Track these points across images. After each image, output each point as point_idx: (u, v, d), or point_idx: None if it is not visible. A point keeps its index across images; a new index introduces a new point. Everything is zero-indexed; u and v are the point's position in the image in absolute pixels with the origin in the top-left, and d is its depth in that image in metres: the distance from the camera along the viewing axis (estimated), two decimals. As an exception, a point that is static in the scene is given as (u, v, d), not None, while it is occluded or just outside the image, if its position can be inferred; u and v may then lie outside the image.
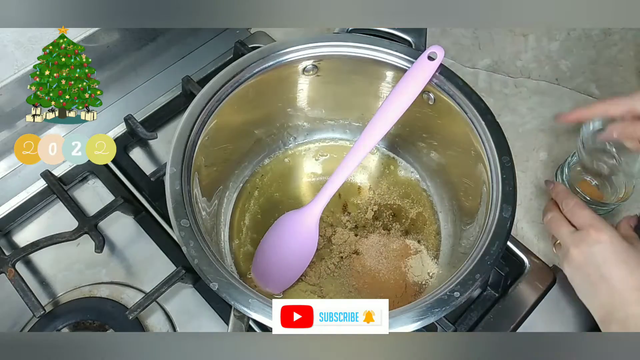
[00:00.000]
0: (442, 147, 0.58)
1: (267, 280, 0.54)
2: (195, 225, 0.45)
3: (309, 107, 0.61)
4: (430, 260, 0.56)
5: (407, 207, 0.60)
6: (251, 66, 0.52)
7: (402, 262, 0.56)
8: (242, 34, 0.72)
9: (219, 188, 0.57)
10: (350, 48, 0.53)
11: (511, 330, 0.53)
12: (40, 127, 0.63)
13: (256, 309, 0.41)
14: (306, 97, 0.59)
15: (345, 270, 0.55)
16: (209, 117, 0.50)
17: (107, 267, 0.57)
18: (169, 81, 0.67)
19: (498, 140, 0.49)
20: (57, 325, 0.53)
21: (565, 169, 0.59)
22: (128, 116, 0.62)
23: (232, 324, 0.43)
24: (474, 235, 0.49)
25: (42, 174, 0.58)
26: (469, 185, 0.54)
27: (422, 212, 0.59)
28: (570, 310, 0.55)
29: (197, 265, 0.43)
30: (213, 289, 0.42)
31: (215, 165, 0.55)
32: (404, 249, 0.57)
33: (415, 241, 0.57)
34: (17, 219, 0.59)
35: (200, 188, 0.50)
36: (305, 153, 0.63)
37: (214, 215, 0.55)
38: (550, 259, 0.58)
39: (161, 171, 0.58)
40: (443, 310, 0.41)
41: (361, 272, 0.55)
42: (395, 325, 0.40)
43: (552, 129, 0.67)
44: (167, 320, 0.55)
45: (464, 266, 0.44)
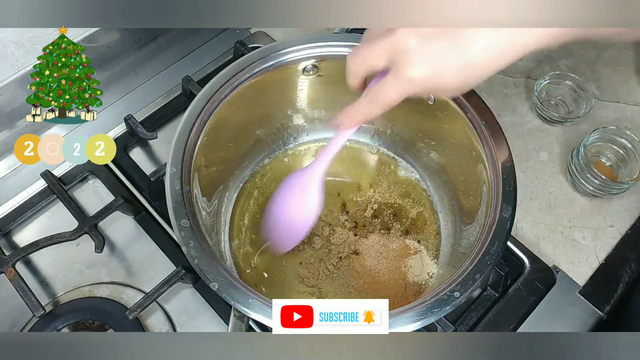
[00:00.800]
0: (442, 147, 0.58)
1: (273, 239, 0.54)
2: (195, 225, 0.45)
3: (309, 107, 0.61)
4: (430, 260, 0.56)
5: (406, 207, 0.60)
6: (251, 66, 0.52)
7: (402, 262, 0.56)
8: (242, 34, 0.72)
9: (219, 188, 0.57)
10: (351, 48, 0.53)
11: (511, 330, 0.53)
12: (40, 127, 0.63)
13: (256, 309, 0.41)
14: (306, 97, 0.59)
15: (345, 271, 0.55)
16: (209, 117, 0.50)
17: (107, 267, 0.57)
18: (169, 81, 0.67)
19: (498, 140, 0.49)
20: (57, 325, 0.53)
21: (580, 149, 0.60)
22: (128, 116, 0.62)
23: (232, 324, 0.43)
24: (474, 235, 0.49)
25: (42, 174, 0.58)
26: (469, 185, 0.54)
27: (422, 212, 0.59)
28: (570, 310, 0.55)
29: (197, 265, 0.43)
30: (213, 289, 0.42)
31: (215, 165, 0.55)
32: (403, 249, 0.57)
33: (415, 241, 0.57)
34: (17, 219, 0.60)
35: (200, 188, 0.50)
36: (305, 153, 0.63)
37: (214, 215, 0.55)
38: (550, 259, 0.58)
39: (161, 171, 0.58)
40: (443, 310, 0.42)
41: (360, 273, 0.55)
42: (396, 325, 0.41)
43: (552, 129, 0.67)
44: (167, 320, 0.55)
45: (464, 266, 0.44)
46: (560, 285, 0.56)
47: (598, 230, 0.61)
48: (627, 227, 0.61)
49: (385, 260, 0.56)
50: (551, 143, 0.66)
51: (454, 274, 0.44)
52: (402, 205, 0.60)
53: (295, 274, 0.55)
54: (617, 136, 0.62)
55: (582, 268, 0.58)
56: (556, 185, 0.64)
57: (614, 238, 0.60)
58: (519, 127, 0.67)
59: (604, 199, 0.62)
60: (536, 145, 0.66)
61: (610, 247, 0.60)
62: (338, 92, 0.58)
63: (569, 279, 0.57)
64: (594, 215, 0.62)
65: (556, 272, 0.57)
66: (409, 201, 0.60)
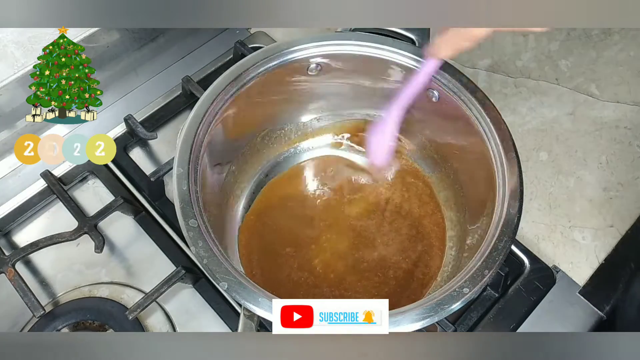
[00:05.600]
0: (446, 144, 0.58)
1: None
2: (204, 225, 0.45)
3: (313, 106, 0.61)
4: (437, 257, 0.56)
5: (412, 204, 0.60)
6: (255, 66, 0.52)
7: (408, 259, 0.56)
8: (242, 34, 0.72)
9: (225, 187, 0.57)
10: (355, 47, 0.53)
11: (511, 330, 0.53)
12: (40, 127, 0.63)
13: (266, 308, 0.41)
14: (311, 96, 0.59)
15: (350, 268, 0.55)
16: (215, 116, 0.50)
17: (107, 267, 0.57)
18: (169, 81, 0.67)
19: (503, 137, 0.49)
20: (57, 325, 0.53)
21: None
22: (128, 116, 0.61)
23: (242, 323, 0.43)
24: (480, 232, 0.49)
25: (42, 174, 0.58)
26: (475, 182, 0.54)
27: (428, 210, 0.59)
28: (570, 310, 0.55)
29: (207, 265, 0.43)
30: (222, 289, 0.42)
31: (222, 164, 0.55)
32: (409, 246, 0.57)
33: (421, 238, 0.57)
34: (17, 219, 0.59)
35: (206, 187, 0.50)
36: (311, 151, 0.63)
37: (220, 214, 0.55)
38: (550, 259, 0.58)
39: (161, 171, 0.58)
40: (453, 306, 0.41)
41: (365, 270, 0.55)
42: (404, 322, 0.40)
43: (552, 129, 0.67)
44: (167, 320, 0.55)
45: (472, 263, 0.44)
46: (560, 285, 0.56)
47: (598, 230, 0.61)
48: (627, 227, 0.61)
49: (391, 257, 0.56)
50: (551, 143, 0.66)
51: (463, 271, 0.44)
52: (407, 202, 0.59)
53: (299, 274, 0.55)
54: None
55: (582, 268, 0.58)
56: (556, 185, 0.64)
57: (614, 238, 0.60)
58: (519, 127, 0.67)
59: (604, 198, 0.62)
60: (536, 145, 0.66)
61: (610, 247, 0.60)
62: (343, 91, 0.59)
63: (568, 279, 0.57)
64: (594, 215, 0.62)
65: (556, 272, 0.57)
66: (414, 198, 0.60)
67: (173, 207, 0.45)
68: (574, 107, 0.69)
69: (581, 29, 0.74)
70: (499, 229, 0.45)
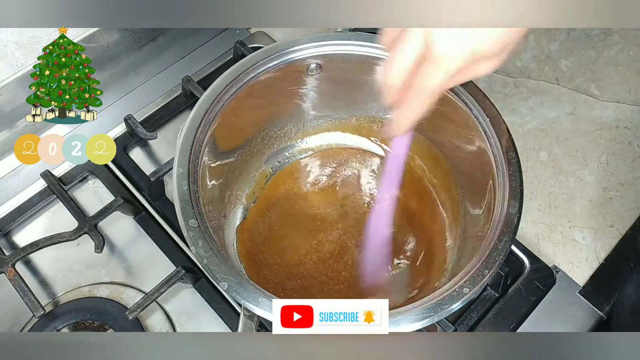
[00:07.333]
0: (446, 144, 0.57)
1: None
2: (203, 225, 0.45)
3: (313, 107, 0.60)
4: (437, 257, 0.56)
5: (411, 203, 0.60)
6: (256, 65, 0.52)
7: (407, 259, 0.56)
8: (242, 34, 0.72)
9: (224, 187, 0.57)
10: (355, 47, 0.53)
11: (511, 330, 0.53)
12: (40, 127, 0.63)
13: (266, 308, 0.41)
14: (311, 96, 0.59)
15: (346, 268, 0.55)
16: (215, 116, 0.50)
17: (107, 267, 0.57)
18: (169, 81, 0.67)
19: (503, 137, 0.49)
20: (57, 325, 0.53)
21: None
22: (128, 116, 0.61)
23: (242, 323, 0.43)
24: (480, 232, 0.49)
25: (42, 174, 0.58)
26: (475, 181, 0.53)
27: (427, 209, 0.59)
28: (570, 310, 0.55)
29: (207, 265, 0.43)
30: (222, 289, 0.42)
31: (221, 164, 0.55)
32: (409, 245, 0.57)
33: (420, 237, 0.57)
34: (17, 219, 0.59)
35: (206, 187, 0.50)
36: (311, 152, 0.63)
37: (220, 214, 0.55)
38: (550, 259, 0.58)
39: (161, 171, 0.58)
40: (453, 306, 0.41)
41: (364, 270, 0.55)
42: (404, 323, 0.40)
43: (552, 129, 0.67)
44: (167, 320, 0.55)
45: (472, 263, 0.44)
46: (560, 285, 0.56)
47: (598, 230, 0.61)
48: (627, 227, 0.61)
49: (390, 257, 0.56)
50: (551, 143, 0.66)
51: (463, 271, 0.44)
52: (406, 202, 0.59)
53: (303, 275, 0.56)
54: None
55: (582, 268, 0.58)
56: (556, 185, 0.64)
57: (614, 238, 0.60)
58: (519, 127, 0.67)
59: (604, 198, 0.62)
60: (536, 145, 0.66)
61: (610, 247, 0.60)
62: (343, 91, 0.59)
63: (568, 279, 0.57)
64: (594, 215, 0.62)
65: (556, 272, 0.57)
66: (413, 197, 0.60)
67: (173, 207, 0.45)
68: (574, 107, 0.69)
69: (581, 29, 0.74)
70: (499, 229, 0.45)
